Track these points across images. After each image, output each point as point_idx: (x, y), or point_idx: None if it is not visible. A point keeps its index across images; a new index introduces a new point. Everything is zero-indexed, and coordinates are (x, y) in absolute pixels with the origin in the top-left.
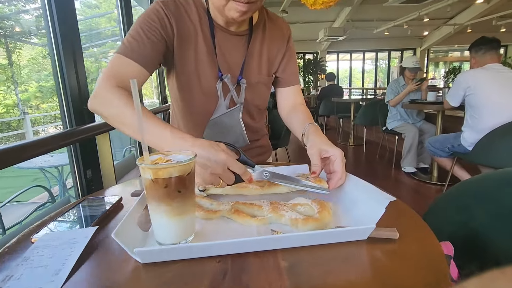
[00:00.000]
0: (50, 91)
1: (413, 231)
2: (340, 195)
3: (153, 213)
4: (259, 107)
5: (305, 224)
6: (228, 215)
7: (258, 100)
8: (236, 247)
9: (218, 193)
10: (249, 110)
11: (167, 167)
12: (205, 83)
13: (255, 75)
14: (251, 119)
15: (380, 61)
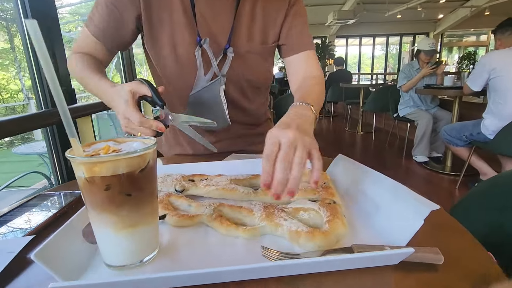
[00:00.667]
0: None
1: (462, 252)
2: (360, 199)
3: (95, 225)
4: (252, 83)
5: (310, 239)
6: (208, 222)
7: (251, 74)
8: (205, 278)
9: (200, 194)
10: (240, 86)
11: (107, 160)
12: (182, 50)
13: (244, 43)
14: (244, 97)
15: (390, 47)
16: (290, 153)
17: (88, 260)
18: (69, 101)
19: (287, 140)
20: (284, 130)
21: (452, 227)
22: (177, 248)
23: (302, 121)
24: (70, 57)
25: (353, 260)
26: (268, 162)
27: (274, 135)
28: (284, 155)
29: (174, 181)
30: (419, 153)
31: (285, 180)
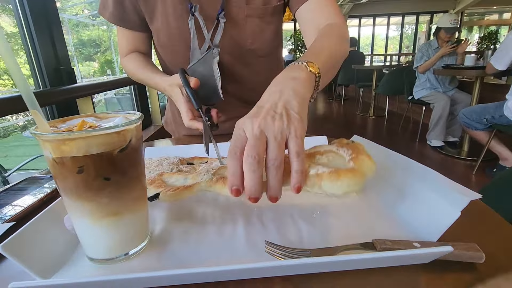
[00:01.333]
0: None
1: (504, 248)
2: (382, 185)
3: (71, 214)
4: (258, 52)
5: (335, 180)
6: (209, 187)
7: (253, 42)
8: (199, 277)
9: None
10: (244, 57)
11: (77, 136)
12: (174, 21)
13: (242, 6)
14: (246, 68)
15: (406, 27)
16: (256, 147)
17: (71, 252)
18: (68, 81)
19: (251, 132)
20: (250, 119)
21: (489, 219)
22: (171, 239)
23: (284, 90)
24: (122, 65)
25: (376, 260)
26: (233, 161)
27: (239, 125)
28: (248, 151)
29: (171, 165)
30: (434, 137)
31: (255, 184)
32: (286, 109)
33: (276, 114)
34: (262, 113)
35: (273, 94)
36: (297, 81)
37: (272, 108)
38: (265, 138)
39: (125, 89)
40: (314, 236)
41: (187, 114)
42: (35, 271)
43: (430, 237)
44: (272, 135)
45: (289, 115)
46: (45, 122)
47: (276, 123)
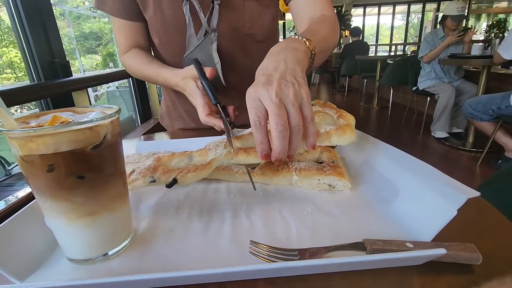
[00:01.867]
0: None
1: (503, 249)
2: (376, 181)
3: (46, 213)
4: (256, 37)
5: (342, 134)
6: (229, 159)
7: (251, 27)
8: (173, 281)
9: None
10: (243, 43)
11: (44, 133)
12: (167, 8)
13: None
14: (245, 55)
15: (412, 16)
16: (283, 116)
17: (50, 251)
18: (64, 74)
19: (271, 102)
20: (265, 87)
21: (489, 217)
22: (154, 237)
23: (288, 59)
24: (123, 62)
25: (366, 263)
26: (259, 130)
27: (253, 95)
28: (277, 120)
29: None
30: (439, 129)
31: (285, 147)
32: (294, 76)
33: (287, 82)
34: (274, 81)
35: (279, 61)
36: (298, 51)
37: (282, 76)
38: (283, 105)
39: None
40: (303, 235)
41: (203, 109)
42: (10, 272)
43: (424, 236)
44: (290, 102)
45: (298, 82)
46: (10, 117)
47: (291, 90)
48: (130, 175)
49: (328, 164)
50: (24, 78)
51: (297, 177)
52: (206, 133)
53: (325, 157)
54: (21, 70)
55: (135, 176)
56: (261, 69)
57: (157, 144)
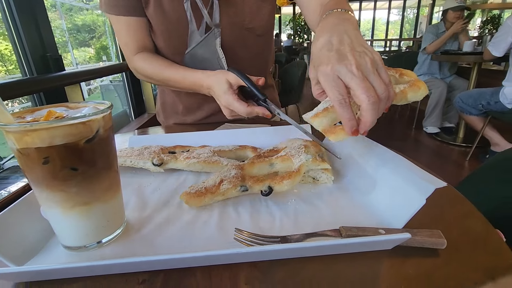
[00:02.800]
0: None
1: (469, 235)
2: (357, 174)
3: (42, 203)
4: (256, 31)
5: (417, 89)
6: (316, 165)
7: (251, 21)
8: (168, 264)
9: (179, 167)
10: (243, 37)
11: (39, 127)
12: (168, 4)
13: None
14: (245, 49)
15: (407, 11)
16: (370, 88)
17: (46, 239)
18: (56, 68)
19: (353, 75)
20: (341, 63)
21: (459, 206)
22: (146, 226)
23: (348, 31)
24: (134, 65)
25: (339, 246)
26: (346, 108)
27: (329, 72)
28: (366, 92)
29: (152, 154)
30: (430, 124)
31: (375, 118)
32: (362, 45)
33: (360, 52)
34: (348, 55)
35: (341, 34)
36: (352, 21)
37: (352, 48)
38: (365, 76)
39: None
40: (286, 224)
41: (240, 104)
42: (8, 258)
43: (397, 224)
44: (370, 72)
45: (367, 49)
46: (7, 112)
47: (367, 59)
48: (220, 185)
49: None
50: (15, 71)
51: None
52: (202, 128)
53: (312, 151)
54: (11, 63)
55: (225, 185)
56: (324, 45)
57: (149, 139)
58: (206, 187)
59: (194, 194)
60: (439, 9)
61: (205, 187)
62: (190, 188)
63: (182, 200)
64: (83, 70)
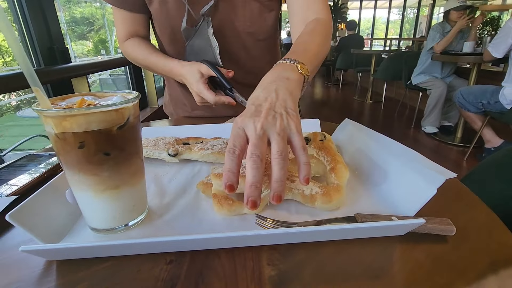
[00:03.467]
0: None
1: (475, 224)
2: (367, 166)
3: (73, 187)
4: (256, 36)
5: (328, 202)
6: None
7: (252, 25)
8: (193, 244)
9: (194, 158)
10: (242, 40)
11: (77, 113)
12: (172, 2)
13: None
14: (244, 52)
15: (408, 10)
16: (260, 146)
17: (72, 222)
18: (63, 60)
19: (253, 132)
20: (251, 118)
21: (465, 198)
22: (167, 212)
23: (280, 90)
24: (124, 49)
25: (356, 230)
26: (231, 159)
27: (238, 125)
28: (253, 150)
29: (167, 145)
30: (429, 123)
31: (257, 179)
32: (285, 107)
33: (276, 113)
34: (263, 112)
35: (270, 92)
36: (290, 81)
37: (272, 107)
38: (266, 138)
39: (121, 69)
40: (302, 212)
41: (209, 92)
42: (41, 238)
43: (408, 213)
44: (275, 132)
45: (288, 113)
46: (46, 99)
47: (278, 122)
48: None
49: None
50: (13, 63)
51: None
52: (209, 121)
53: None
54: (9, 54)
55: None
56: (252, 98)
57: (161, 130)
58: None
59: (224, 198)
60: (439, 10)
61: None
62: (207, 178)
63: (199, 189)
64: (90, 63)
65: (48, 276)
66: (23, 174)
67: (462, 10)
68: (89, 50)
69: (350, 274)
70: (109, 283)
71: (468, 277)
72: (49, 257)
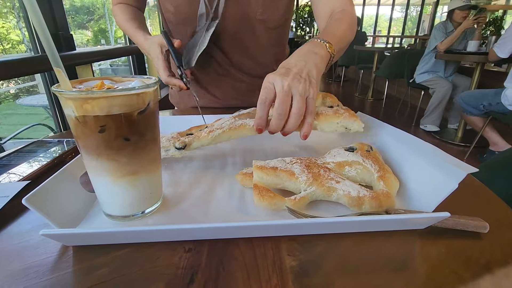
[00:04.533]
0: None
1: (495, 220)
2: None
3: (91, 172)
4: (267, 24)
5: (377, 206)
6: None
7: (263, 12)
8: (210, 233)
9: (206, 144)
10: (252, 27)
11: (99, 96)
12: None
13: None
14: (254, 39)
15: (411, 8)
16: (286, 102)
17: (86, 209)
18: (67, 47)
19: (281, 88)
20: (281, 77)
21: (482, 194)
22: (182, 201)
23: (308, 61)
24: (113, 10)
25: (378, 222)
26: (262, 108)
27: (269, 79)
28: (280, 103)
29: (170, 140)
30: (430, 122)
31: (280, 127)
32: (309, 76)
33: (301, 78)
34: (290, 74)
35: (299, 61)
36: (318, 56)
37: (299, 72)
38: (291, 94)
39: (121, 60)
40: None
41: (164, 72)
42: (57, 224)
43: (428, 207)
44: (297, 92)
45: (310, 80)
46: (67, 80)
47: (301, 84)
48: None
49: (340, 107)
50: (12, 50)
51: (316, 122)
52: (216, 112)
53: (328, 102)
54: (8, 42)
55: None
56: (284, 63)
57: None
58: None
59: (265, 191)
60: (443, 8)
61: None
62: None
63: (237, 180)
64: (95, 51)
65: (66, 262)
66: (33, 159)
67: (466, 10)
68: (88, 39)
69: (372, 267)
70: (128, 270)
71: (493, 271)
72: (69, 242)
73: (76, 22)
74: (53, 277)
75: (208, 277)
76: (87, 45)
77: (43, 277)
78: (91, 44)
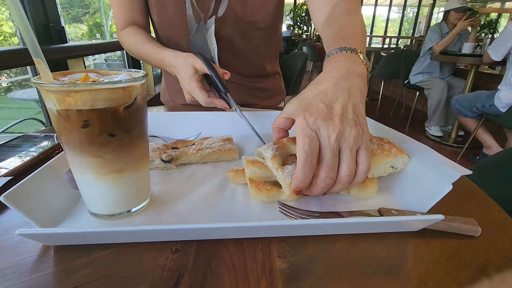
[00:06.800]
0: None
1: (489, 222)
2: None
3: (74, 169)
4: (258, 24)
5: (364, 187)
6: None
7: (254, 14)
8: (196, 233)
9: (193, 162)
10: (243, 29)
11: (83, 89)
12: None
13: None
14: (244, 40)
15: (407, 9)
16: (335, 165)
17: (71, 207)
18: (59, 40)
19: (328, 143)
20: (326, 123)
21: (476, 195)
22: (170, 200)
23: (352, 90)
24: (120, 38)
25: (371, 224)
26: (305, 168)
27: (311, 126)
28: (328, 169)
29: (156, 151)
30: (434, 124)
31: (322, 193)
32: (357, 115)
33: (350, 121)
34: (336, 118)
35: (341, 91)
36: (361, 79)
37: (344, 113)
38: (339, 151)
39: (116, 55)
40: (336, 202)
41: (201, 93)
42: (38, 222)
43: (422, 208)
44: (348, 148)
45: (361, 123)
46: (48, 72)
47: (353, 133)
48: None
49: (384, 142)
50: (4, 43)
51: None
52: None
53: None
54: (0, 34)
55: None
56: (321, 93)
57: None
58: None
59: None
60: (439, 10)
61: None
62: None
63: (229, 177)
64: (87, 44)
65: (46, 262)
66: (17, 154)
67: (462, 12)
68: (83, 33)
69: (364, 270)
70: (111, 271)
71: (488, 275)
72: (48, 242)
73: (70, 16)
74: (32, 278)
75: (194, 280)
76: (82, 39)
77: (21, 278)
78: (86, 38)
